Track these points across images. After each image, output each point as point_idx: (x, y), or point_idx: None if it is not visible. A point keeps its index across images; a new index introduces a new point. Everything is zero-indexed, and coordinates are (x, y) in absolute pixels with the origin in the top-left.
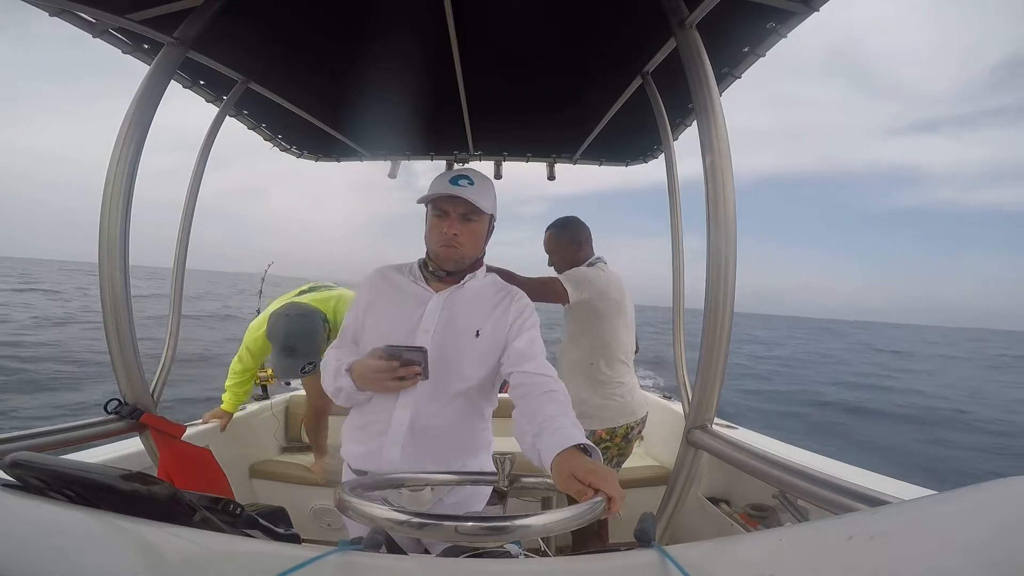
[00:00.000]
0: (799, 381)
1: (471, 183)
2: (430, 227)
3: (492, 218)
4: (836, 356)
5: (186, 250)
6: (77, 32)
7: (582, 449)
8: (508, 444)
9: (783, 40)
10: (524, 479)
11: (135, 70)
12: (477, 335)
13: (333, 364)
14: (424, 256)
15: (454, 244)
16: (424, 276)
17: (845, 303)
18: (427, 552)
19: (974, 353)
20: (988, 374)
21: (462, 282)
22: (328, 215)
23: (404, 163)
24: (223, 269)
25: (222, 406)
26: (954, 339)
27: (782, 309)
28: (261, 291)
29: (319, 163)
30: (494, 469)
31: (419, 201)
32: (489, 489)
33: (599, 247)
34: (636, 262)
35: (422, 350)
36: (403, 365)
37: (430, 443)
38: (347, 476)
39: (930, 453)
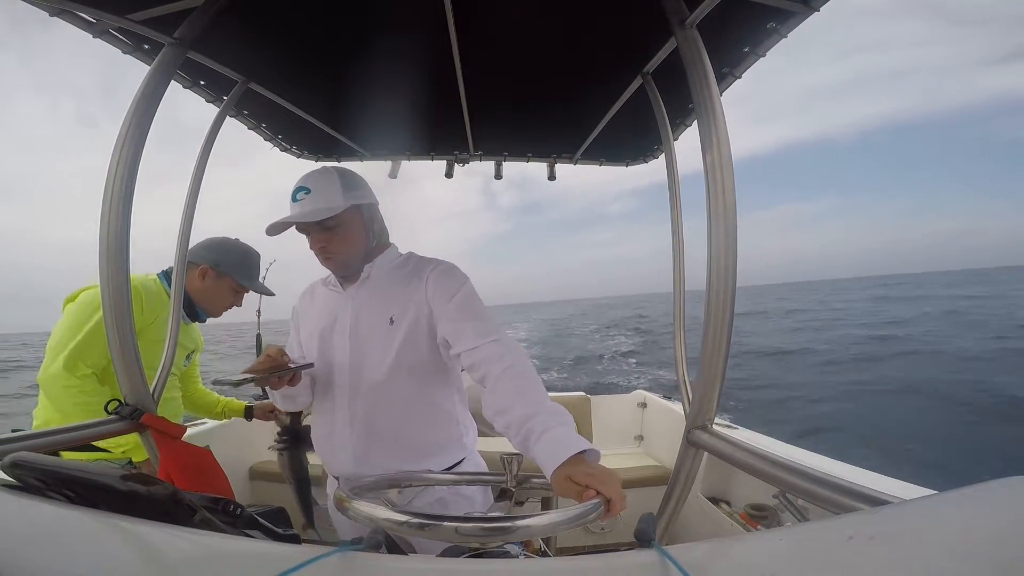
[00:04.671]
0: None
1: (308, 192)
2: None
3: (358, 207)
4: None
5: (186, 251)
6: None
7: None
8: (509, 444)
9: (783, 40)
10: (533, 479)
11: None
12: (391, 322)
13: None
14: None
15: (328, 255)
16: (338, 281)
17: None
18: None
19: None
20: None
21: (367, 275)
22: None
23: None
24: None
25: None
26: None
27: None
28: None
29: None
30: (468, 468)
31: (269, 233)
32: (471, 491)
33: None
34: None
35: (309, 365)
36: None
37: (378, 443)
38: (329, 479)
39: None
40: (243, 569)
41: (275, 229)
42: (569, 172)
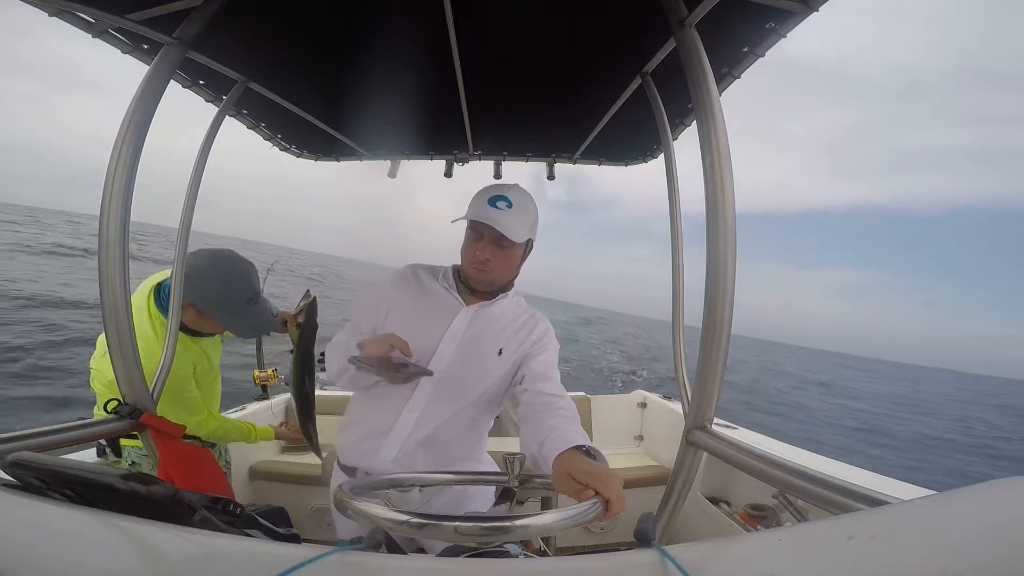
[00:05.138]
0: None
1: (510, 205)
2: (465, 245)
3: (530, 243)
4: None
5: (186, 249)
6: None
7: (584, 451)
8: (512, 444)
9: (783, 40)
10: (535, 479)
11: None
12: (500, 353)
13: (343, 344)
14: (459, 264)
15: (485, 269)
16: (457, 286)
17: None
18: (423, 551)
19: None
20: None
21: (493, 300)
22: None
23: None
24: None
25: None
26: None
27: None
28: (262, 291)
29: (319, 163)
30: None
31: (455, 220)
32: (486, 491)
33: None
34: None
35: (429, 373)
36: (401, 370)
37: (427, 450)
38: (336, 472)
39: None
40: (243, 569)
41: (461, 219)
42: (622, 181)
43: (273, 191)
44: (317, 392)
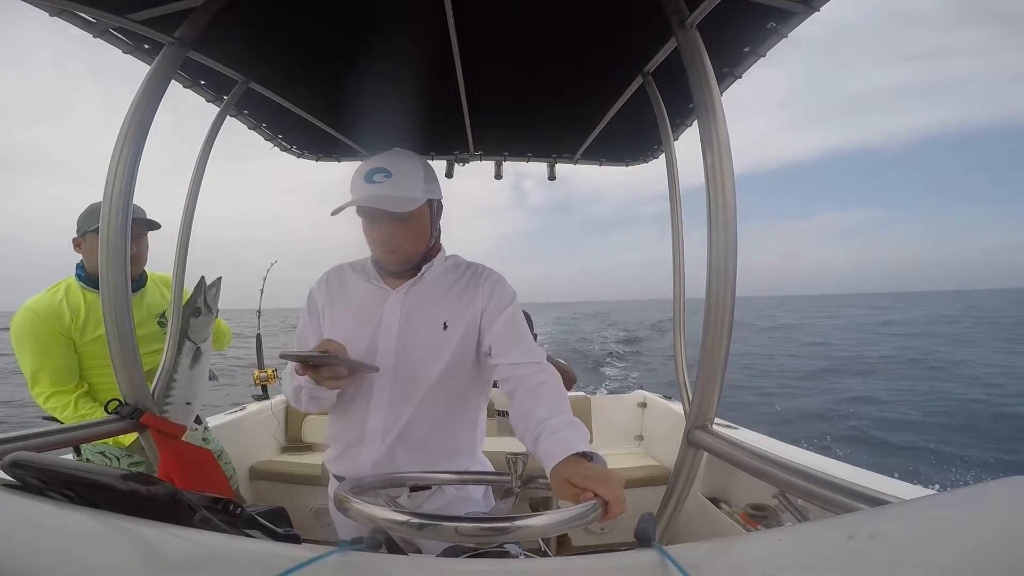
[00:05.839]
0: None
1: (388, 175)
2: (364, 232)
3: (432, 202)
4: None
5: (186, 251)
6: None
7: (581, 452)
8: (518, 444)
9: (783, 40)
10: (538, 480)
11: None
12: (445, 327)
13: (289, 367)
14: None
15: (391, 247)
16: (379, 274)
17: None
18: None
19: None
20: None
21: (420, 274)
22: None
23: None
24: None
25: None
26: None
27: None
28: (263, 290)
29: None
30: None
31: (334, 212)
32: (479, 493)
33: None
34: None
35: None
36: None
37: (405, 448)
38: (332, 483)
39: None
40: (243, 569)
41: (341, 210)
42: (599, 171)
43: (274, 257)
44: None
